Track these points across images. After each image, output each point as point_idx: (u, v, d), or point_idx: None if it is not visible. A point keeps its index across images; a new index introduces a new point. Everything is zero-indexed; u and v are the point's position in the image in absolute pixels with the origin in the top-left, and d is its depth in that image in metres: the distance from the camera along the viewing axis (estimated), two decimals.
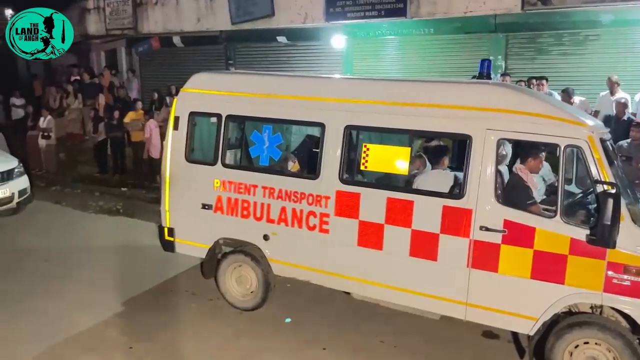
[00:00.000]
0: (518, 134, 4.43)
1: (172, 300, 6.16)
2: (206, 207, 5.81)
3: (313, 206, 5.22)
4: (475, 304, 4.61)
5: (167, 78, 14.53)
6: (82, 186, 12.09)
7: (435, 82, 5.42)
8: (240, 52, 13.56)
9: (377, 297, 5.17)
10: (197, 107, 5.86)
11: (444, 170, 5.30)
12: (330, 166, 5.11)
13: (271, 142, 5.53)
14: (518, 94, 4.57)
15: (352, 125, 5.04)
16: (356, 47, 11.61)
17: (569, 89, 8.62)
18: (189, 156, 5.92)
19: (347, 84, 5.36)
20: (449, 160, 5.42)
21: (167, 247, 6.20)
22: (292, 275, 5.53)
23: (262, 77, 6.14)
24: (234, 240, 5.83)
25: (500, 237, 4.43)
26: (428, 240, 4.71)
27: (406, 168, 4.88)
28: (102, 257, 7.55)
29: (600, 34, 9.43)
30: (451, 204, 4.62)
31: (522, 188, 4.66)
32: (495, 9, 9.41)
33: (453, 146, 5.73)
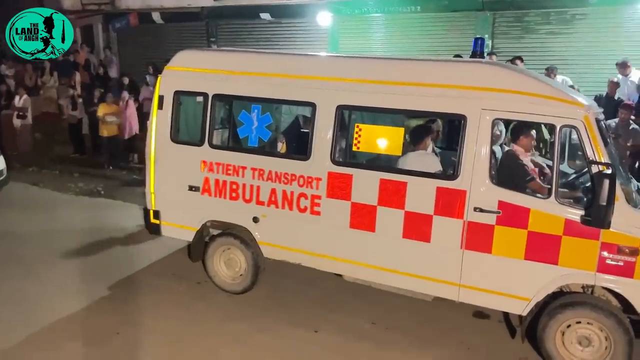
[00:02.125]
0: (514, 114, 4.37)
1: (159, 284, 6.03)
2: (193, 189, 5.67)
3: (304, 188, 5.12)
4: (468, 285, 4.61)
5: (146, 56, 14.11)
6: (60, 167, 11.79)
7: (429, 61, 5.29)
8: (222, 29, 13.21)
9: (370, 279, 5.13)
10: (182, 85, 5.66)
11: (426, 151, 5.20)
12: (321, 147, 5.00)
13: (260, 122, 5.39)
14: (514, 74, 4.49)
15: (344, 105, 4.92)
16: (342, 25, 11.39)
17: (550, 67, 8.58)
18: (175, 136, 5.74)
19: (339, 62, 5.21)
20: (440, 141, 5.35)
21: (152, 230, 6.05)
22: (283, 258, 5.45)
23: (251, 54, 5.95)
24: (222, 222, 5.71)
25: (495, 218, 4.40)
26: (421, 222, 4.66)
27: (399, 148, 4.79)
28: (84, 240, 7.34)
29: (588, 13, 9.40)
30: (445, 185, 4.57)
31: (517, 167, 4.63)
32: None
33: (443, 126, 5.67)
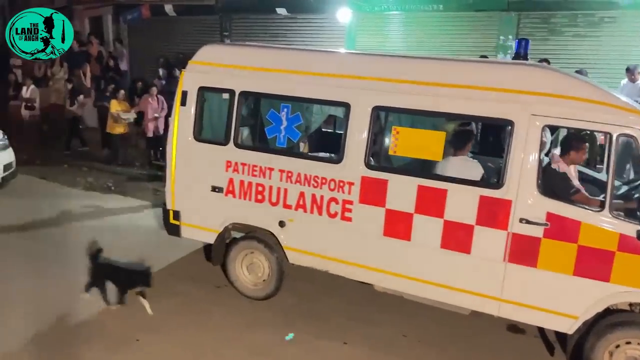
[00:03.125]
0: (566, 121, 4.12)
1: (176, 288, 5.79)
2: (216, 189, 5.43)
3: (335, 192, 4.88)
4: (510, 299, 4.37)
5: (157, 49, 13.83)
6: (68, 161, 11.55)
7: (475, 62, 5.05)
8: (236, 23, 12.93)
9: (403, 290, 4.88)
10: (207, 81, 5.41)
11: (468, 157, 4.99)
12: (355, 150, 4.75)
13: (289, 122, 5.14)
14: (566, 77, 4.24)
15: (381, 106, 4.67)
16: (360, 22, 11.11)
17: (582, 70, 8.32)
18: (198, 135, 5.50)
19: (376, 61, 4.95)
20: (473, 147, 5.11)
21: (171, 230, 5.82)
22: (309, 264, 5.21)
23: (282, 50, 5.69)
24: (246, 225, 5.47)
25: (542, 230, 4.16)
26: (462, 232, 4.43)
27: (440, 154, 4.54)
28: (96, 238, 7.09)
29: (617, 16, 9.12)
30: (489, 194, 4.32)
31: (564, 178, 4.39)
32: None
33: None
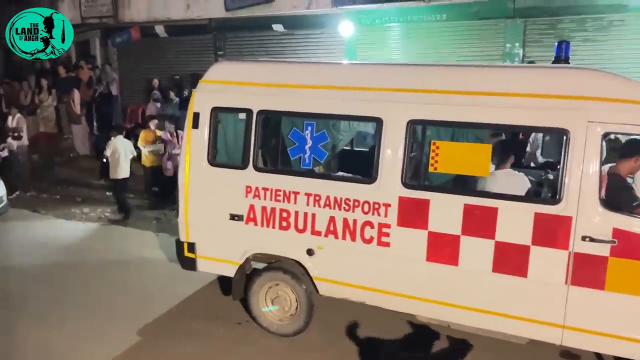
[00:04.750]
0: (628, 127, 3.76)
1: (194, 326, 5.30)
2: (235, 218, 4.98)
3: (369, 215, 4.46)
4: (574, 326, 3.96)
5: (148, 71, 13.42)
6: (61, 191, 11.01)
7: (519, 67, 4.72)
8: (230, 42, 12.56)
9: (450, 320, 4.45)
10: (221, 101, 5.00)
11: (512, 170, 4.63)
12: (390, 168, 4.35)
13: (315, 141, 4.73)
14: (625, 80, 3.90)
15: (417, 120, 4.28)
16: (360, 36, 10.80)
17: None
18: (213, 159, 5.07)
19: (409, 71, 4.56)
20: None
21: (186, 264, 5.33)
22: (343, 295, 4.77)
23: (302, 65, 5.34)
24: (270, 255, 5.02)
25: (609, 248, 3.77)
26: (516, 254, 4.02)
27: (487, 168, 4.16)
28: (100, 275, 6.60)
29: (626, 19, 8.92)
30: (545, 210, 3.93)
31: (627, 189, 4.02)
32: None
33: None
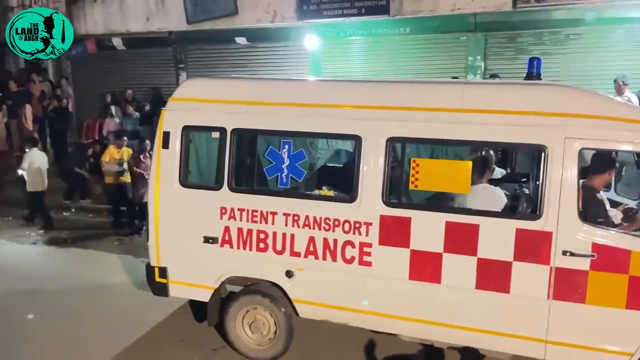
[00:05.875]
0: (605, 143, 3.84)
1: (168, 354, 5.07)
2: (210, 240, 4.80)
3: (350, 234, 4.38)
4: (557, 340, 3.99)
5: (104, 85, 12.97)
6: (12, 212, 10.43)
7: (497, 84, 4.75)
8: (192, 54, 12.30)
9: (434, 339, 4.41)
10: (192, 119, 4.83)
11: (489, 185, 4.67)
12: (370, 187, 4.29)
13: (292, 159, 4.62)
14: (598, 96, 3.99)
15: (397, 137, 4.25)
16: (325, 49, 10.79)
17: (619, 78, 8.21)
18: (185, 180, 4.88)
19: (387, 88, 4.54)
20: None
21: (158, 290, 5.10)
22: (324, 317, 4.66)
23: (277, 82, 5.22)
24: (247, 278, 4.86)
25: (589, 262, 3.83)
26: (498, 270, 4.03)
27: (467, 185, 4.16)
28: (63, 303, 6.23)
29: (582, 33, 9.28)
30: (526, 226, 3.96)
31: (600, 204, 4.10)
32: (484, 6, 8.96)
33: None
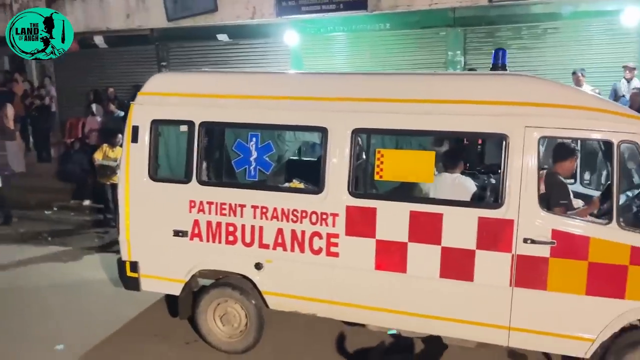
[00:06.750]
0: (563, 131, 3.88)
1: (141, 348, 5.07)
2: (180, 234, 4.81)
3: (317, 225, 4.40)
4: (520, 327, 4.03)
5: (87, 83, 12.93)
6: None
7: (460, 75, 4.81)
8: (174, 52, 12.30)
9: (401, 327, 4.45)
10: (161, 113, 4.83)
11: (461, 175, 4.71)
12: (336, 178, 4.31)
13: (260, 152, 4.65)
14: (557, 85, 4.03)
15: (362, 129, 4.28)
16: (306, 44, 10.82)
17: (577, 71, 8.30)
18: (154, 173, 4.88)
19: (352, 80, 4.56)
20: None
21: (129, 285, 5.10)
22: (293, 308, 4.68)
23: (244, 75, 5.24)
24: (217, 271, 4.87)
25: (549, 249, 3.87)
26: (462, 258, 4.06)
27: (431, 175, 4.19)
28: (40, 300, 6.22)
29: (559, 27, 9.36)
30: (488, 214, 4.00)
31: (561, 185, 4.15)
32: (461, 1, 9.00)
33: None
